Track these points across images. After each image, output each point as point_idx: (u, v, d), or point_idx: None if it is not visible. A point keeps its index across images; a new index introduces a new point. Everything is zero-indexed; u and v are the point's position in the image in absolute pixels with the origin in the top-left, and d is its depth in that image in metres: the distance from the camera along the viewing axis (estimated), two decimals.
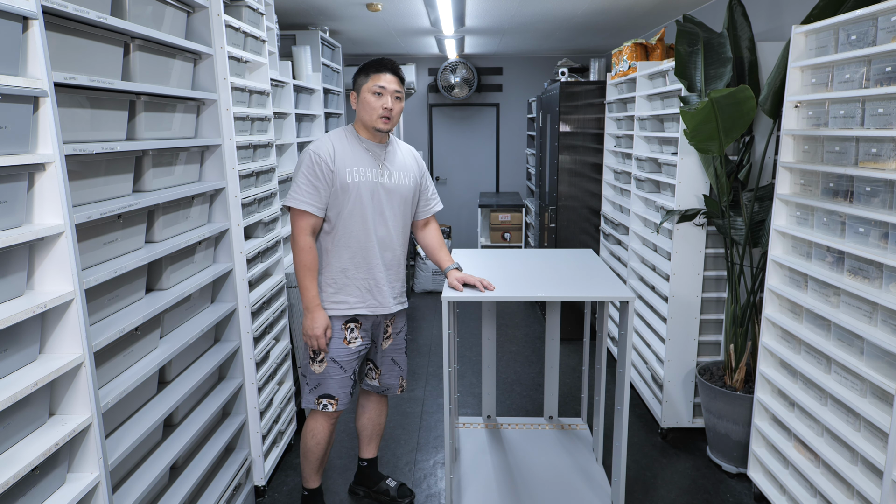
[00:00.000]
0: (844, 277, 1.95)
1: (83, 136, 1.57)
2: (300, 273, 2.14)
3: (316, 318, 2.15)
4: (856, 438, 1.87)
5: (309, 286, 2.15)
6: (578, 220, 4.42)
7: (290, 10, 3.98)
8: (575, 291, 2.18)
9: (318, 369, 2.21)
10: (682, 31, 2.63)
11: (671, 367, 2.98)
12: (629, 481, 2.69)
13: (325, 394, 2.22)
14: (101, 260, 1.64)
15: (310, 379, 2.24)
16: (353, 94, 2.22)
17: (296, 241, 2.14)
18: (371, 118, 2.16)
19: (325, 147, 2.14)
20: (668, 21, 4.54)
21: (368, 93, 2.15)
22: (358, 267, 2.20)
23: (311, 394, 2.24)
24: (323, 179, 2.11)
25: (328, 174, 2.12)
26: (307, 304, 2.15)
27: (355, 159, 2.17)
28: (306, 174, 2.11)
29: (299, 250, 2.13)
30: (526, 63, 6.80)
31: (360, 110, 2.19)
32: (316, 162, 2.11)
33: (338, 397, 2.23)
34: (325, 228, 2.19)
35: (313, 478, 2.38)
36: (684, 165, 2.79)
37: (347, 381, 2.24)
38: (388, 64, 2.18)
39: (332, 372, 2.21)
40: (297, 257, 2.14)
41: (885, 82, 1.76)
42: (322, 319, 2.15)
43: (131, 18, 1.71)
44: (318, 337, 2.15)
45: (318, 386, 2.23)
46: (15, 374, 1.28)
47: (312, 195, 2.11)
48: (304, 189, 2.11)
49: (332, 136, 2.20)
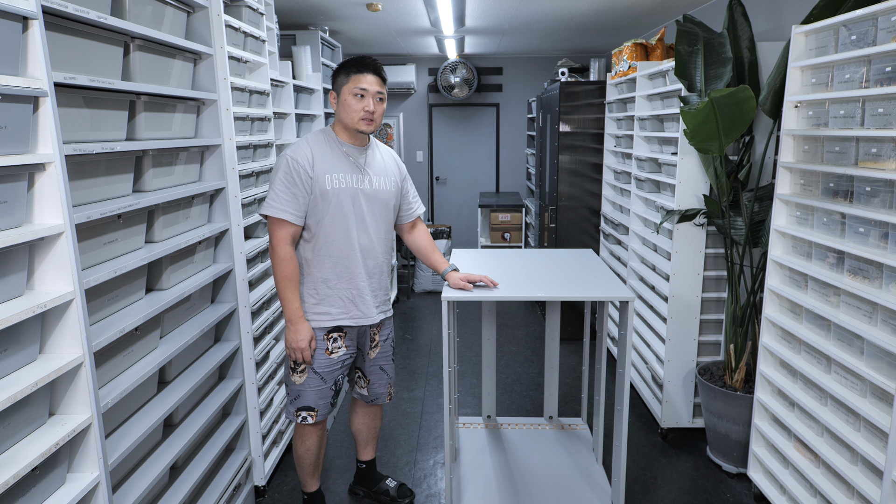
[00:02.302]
0: (844, 277, 1.95)
1: (83, 136, 1.57)
2: (281, 284, 2.06)
3: (300, 329, 2.08)
4: (856, 438, 1.87)
5: (291, 298, 2.07)
6: (578, 220, 4.42)
7: (290, 10, 3.98)
8: (575, 291, 2.17)
9: (299, 380, 2.17)
10: (682, 31, 2.63)
11: (671, 367, 2.98)
12: (629, 481, 2.69)
13: (304, 406, 2.18)
14: (101, 260, 1.64)
15: (290, 389, 2.20)
16: (333, 93, 2.13)
17: (275, 251, 2.05)
18: (352, 120, 2.08)
19: (302, 152, 2.05)
20: (668, 21, 4.54)
21: (349, 94, 2.06)
22: (340, 277, 2.13)
23: (291, 405, 2.20)
24: (301, 186, 2.03)
25: (307, 181, 2.03)
26: (290, 315, 2.08)
27: (335, 164, 2.09)
28: (283, 181, 2.02)
29: (279, 261, 2.05)
30: (526, 63, 6.80)
31: (340, 111, 2.11)
32: (294, 168, 2.02)
33: (317, 408, 2.19)
34: (305, 237, 2.11)
35: (310, 482, 2.37)
36: (684, 165, 2.79)
37: (328, 391, 2.20)
38: (369, 64, 2.08)
39: (312, 383, 2.17)
40: (276, 268, 2.06)
41: (885, 82, 1.76)
42: (306, 331, 2.09)
43: (131, 18, 1.71)
44: (303, 349, 2.09)
45: (297, 398, 2.18)
46: (15, 374, 1.28)
47: (290, 203, 2.02)
48: (281, 196, 2.02)
49: (309, 140, 2.10)
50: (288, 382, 2.21)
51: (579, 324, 4.47)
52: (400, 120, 6.95)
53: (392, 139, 7.01)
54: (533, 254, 2.76)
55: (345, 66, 2.10)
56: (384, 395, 2.43)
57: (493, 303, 2.99)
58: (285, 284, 2.07)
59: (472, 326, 4.77)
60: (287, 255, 2.05)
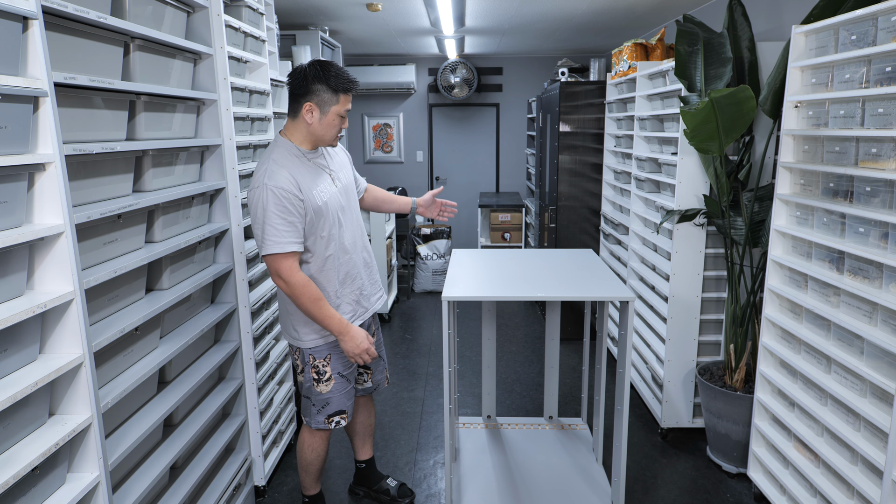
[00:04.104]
0: (844, 277, 1.95)
1: (83, 136, 1.57)
2: (313, 308, 1.98)
3: (355, 336, 2.04)
4: (856, 438, 1.87)
5: (329, 313, 2.00)
6: (578, 220, 4.42)
7: (290, 10, 3.98)
8: (575, 291, 2.17)
9: (325, 388, 2.16)
10: (682, 31, 2.63)
11: (671, 367, 2.98)
12: (629, 481, 2.69)
13: (336, 411, 2.19)
14: (101, 260, 1.64)
15: (316, 400, 2.18)
16: (313, 106, 1.97)
17: (290, 281, 1.95)
18: (329, 137, 2.04)
19: (283, 178, 1.93)
20: (668, 21, 4.54)
21: (336, 115, 2.00)
22: (344, 282, 2.14)
23: (319, 414, 2.19)
24: (295, 212, 1.94)
25: (298, 205, 1.94)
26: (338, 329, 2.02)
27: (312, 178, 2.02)
28: (277, 213, 1.90)
29: (300, 288, 1.95)
30: (526, 63, 6.80)
31: (318, 127, 2.01)
32: (282, 197, 1.91)
33: (347, 410, 2.22)
34: (304, 258, 2.05)
35: (313, 486, 2.38)
36: (684, 165, 2.79)
37: (352, 391, 2.24)
38: (354, 82, 2.02)
39: (339, 388, 2.18)
40: (301, 297, 1.96)
41: (885, 82, 1.76)
42: (361, 334, 2.05)
43: (131, 18, 1.71)
44: (368, 349, 2.06)
45: (326, 405, 2.18)
46: (15, 374, 1.28)
47: (292, 233, 1.94)
48: (281, 230, 1.91)
49: (279, 163, 1.97)
50: (310, 395, 2.18)
51: (579, 324, 4.47)
52: (400, 120, 6.95)
53: (392, 139, 7.01)
54: (533, 254, 2.76)
55: (330, 82, 1.97)
56: (383, 379, 2.48)
57: (493, 303, 2.99)
58: (318, 306, 1.98)
59: (472, 326, 4.77)
60: (304, 280, 1.97)
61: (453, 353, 2.48)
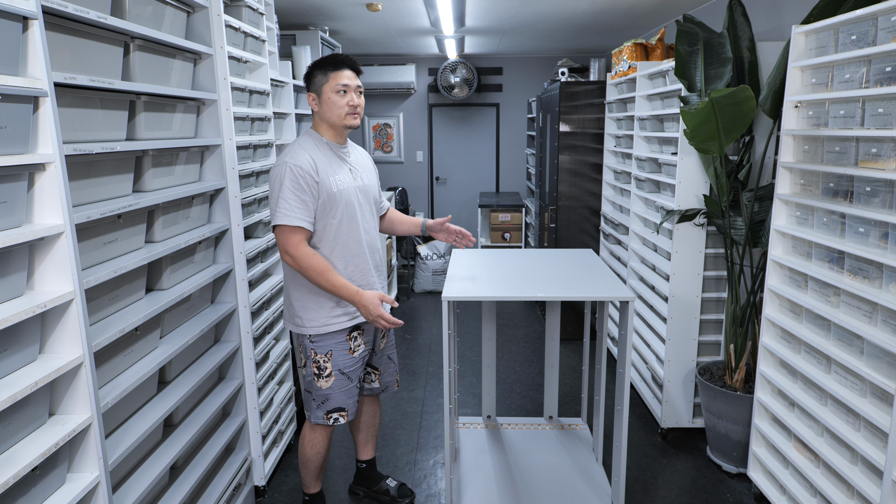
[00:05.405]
0: (844, 277, 1.95)
1: (83, 136, 1.57)
2: (321, 279, 1.99)
3: (367, 304, 2.01)
4: (856, 438, 1.87)
5: (340, 283, 2.01)
6: (578, 220, 4.42)
7: (290, 10, 3.98)
8: (575, 291, 2.18)
9: (325, 384, 2.17)
10: (682, 31, 2.63)
11: (671, 367, 2.98)
12: (629, 481, 2.69)
13: (335, 407, 2.19)
14: (101, 260, 1.64)
15: (316, 395, 2.19)
16: (312, 95, 2.11)
17: (295, 254, 1.98)
18: (339, 116, 2.08)
19: (303, 157, 2.02)
20: (668, 21, 4.54)
21: (332, 92, 2.06)
22: (352, 276, 2.14)
23: (319, 409, 2.20)
24: (309, 192, 2.00)
25: (313, 186, 2.01)
26: (350, 296, 2.02)
27: (332, 166, 2.09)
28: (292, 189, 1.97)
29: (307, 258, 1.98)
30: (526, 63, 6.80)
31: (324, 111, 2.09)
32: (299, 174, 1.98)
33: (347, 408, 2.21)
34: (313, 242, 2.08)
35: (314, 484, 2.38)
36: (684, 165, 2.79)
37: (354, 390, 2.23)
38: (345, 60, 2.08)
39: (340, 385, 2.18)
40: (309, 268, 1.98)
41: (885, 82, 1.76)
42: (372, 297, 2.02)
43: (131, 18, 1.71)
44: (382, 314, 2.02)
45: (326, 401, 2.19)
46: (15, 374, 1.28)
47: (302, 210, 1.99)
48: (293, 205, 1.97)
49: (303, 146, 2.06)
50: (311, 389, 2.20)
51: (579, 324, 4.47)
52: (400, 120, 6.95)
53: (392, 139, 7.01)
54: (533, 254, 2.76)
55: (320, 66, 2.09)
56: (393, 382, 2.48)
57: (493, 303, 2.99)
58: (326, 277, 2.00)
59: (472, 326, 4.77)
60: (309, 251, 2.00)
61: (453, 353, 2.48)
